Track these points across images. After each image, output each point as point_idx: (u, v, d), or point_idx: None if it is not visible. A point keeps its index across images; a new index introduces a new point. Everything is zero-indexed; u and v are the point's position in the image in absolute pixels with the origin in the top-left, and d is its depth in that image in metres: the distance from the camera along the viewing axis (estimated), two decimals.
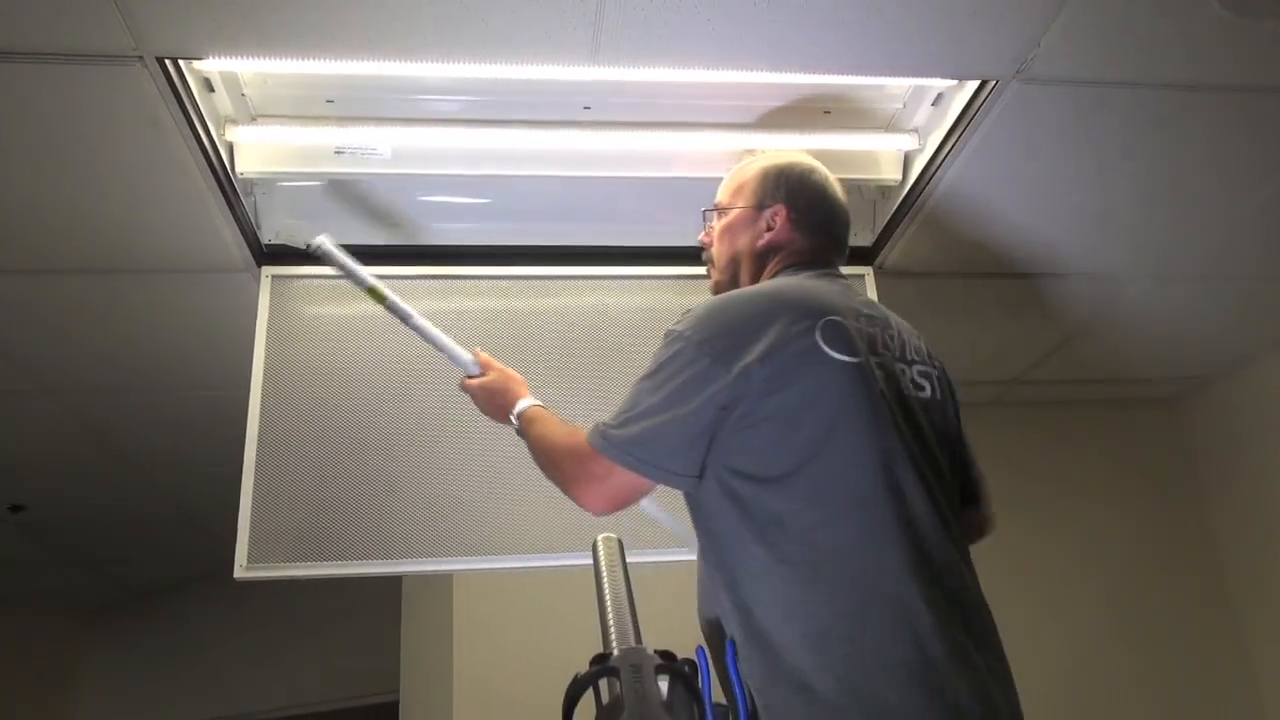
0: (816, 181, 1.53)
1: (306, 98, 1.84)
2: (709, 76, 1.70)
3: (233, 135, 1.84)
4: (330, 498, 1.92)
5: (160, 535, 3.97)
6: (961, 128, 1.83)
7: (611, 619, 1.08)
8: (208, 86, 1.72)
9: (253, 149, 1.91)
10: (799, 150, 1.68)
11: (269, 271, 2.05)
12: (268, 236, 2.05)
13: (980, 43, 1.62)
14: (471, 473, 1.96)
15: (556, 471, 1.36)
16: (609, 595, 1.11)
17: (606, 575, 1.14)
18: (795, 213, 1.49)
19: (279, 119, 1.87)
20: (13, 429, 2.82)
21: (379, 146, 1.92)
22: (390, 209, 2.07)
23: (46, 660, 4.91)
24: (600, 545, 1.19)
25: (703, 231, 1.60)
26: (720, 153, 1.95)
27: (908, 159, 2.06)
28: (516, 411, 1.51)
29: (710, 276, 1.59)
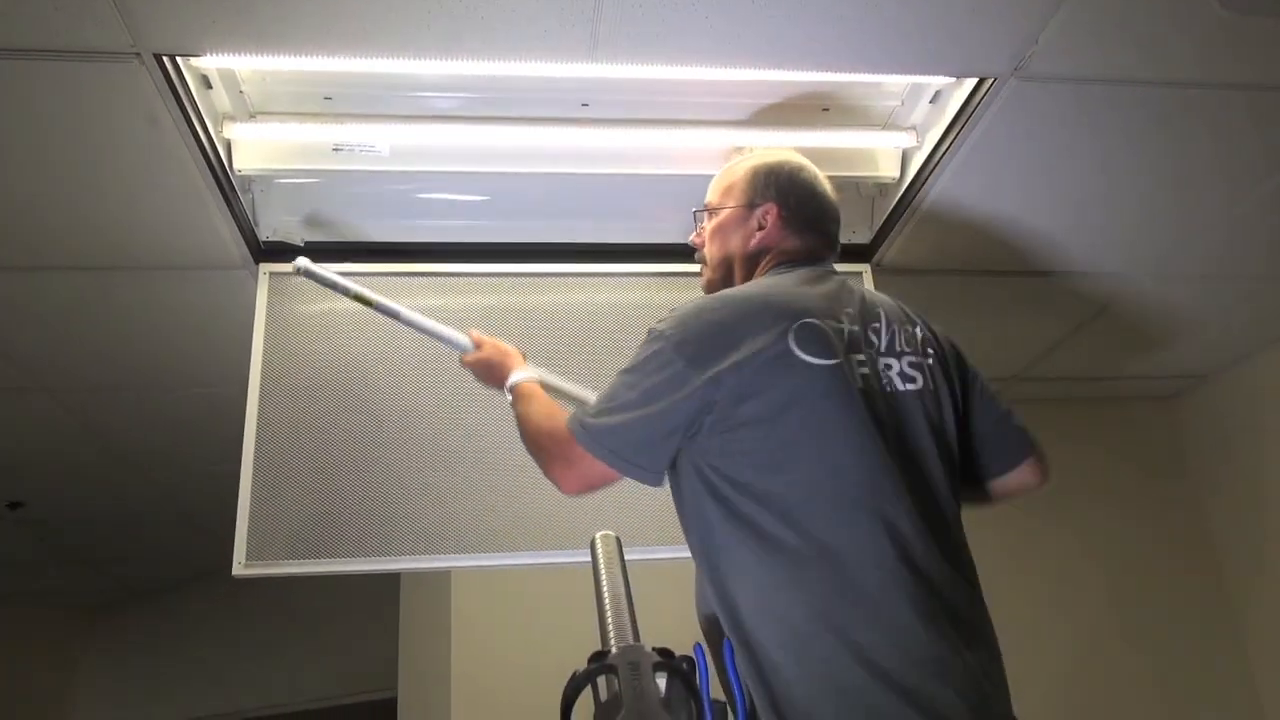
0: (806, 179, 1.53)
1: (304, 94, 1.84)
2: (707, 74, 1.70)
3: (230, 132, 1.84)
4: (329, 495, 1.92)
5: (159, 533, 3.98)
6: (959, 125, 1.83)
7: (610, 616, 1.08)
8: (205, 83, 1.72)
9: (250, 146, 1.90)
10: (788, 148, 1.68)
11: (267, 268, 2.05)
12: (265, 233, 2.05)
13: (978, 40, 1.61)
14: (470, 470, 1.96)
15: (537, 448, 1.41)
16: (607, 593, 1.11)
17: (605, 573, 1.14)
18: (786, 210, 1.50)
19: (277, 116, 1.86)
20: (10, 427, 2.82)
21: (377, 143, 1.91)
22: (388, 205, 2.07)
23: (46, 658, 4.92)
24: (599, 543, 1.19)
25: (694, 232, 1.61)
26: (718, 150, 1.96)
27: (905, 156, 2.06)
28: (509, 384, 1.58)
29: (703, 275, 1.59)
